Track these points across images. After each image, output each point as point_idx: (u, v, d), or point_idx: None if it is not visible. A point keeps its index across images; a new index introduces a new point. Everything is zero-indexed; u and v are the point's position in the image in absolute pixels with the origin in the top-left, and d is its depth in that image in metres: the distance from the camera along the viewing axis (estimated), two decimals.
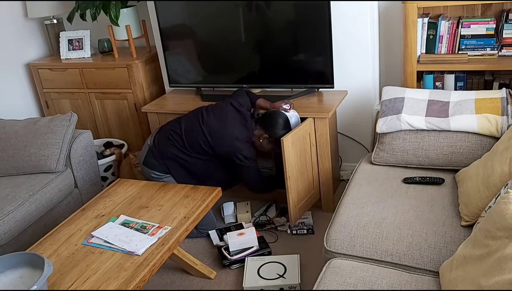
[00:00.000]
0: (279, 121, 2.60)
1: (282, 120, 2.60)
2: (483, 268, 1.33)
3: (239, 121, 2.63)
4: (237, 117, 2.64)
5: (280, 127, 2.59)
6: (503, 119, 2.19)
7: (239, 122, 2.63)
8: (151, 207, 2.22)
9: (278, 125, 2.59)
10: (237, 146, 2.56)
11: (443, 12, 2.80)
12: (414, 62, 2.70)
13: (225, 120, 2.62)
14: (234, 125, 2.60)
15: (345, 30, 2.89)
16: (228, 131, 2.58)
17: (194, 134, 2.62)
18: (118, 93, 3.48)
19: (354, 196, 2.15)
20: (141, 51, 3.59)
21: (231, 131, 2.58)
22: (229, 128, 2.59)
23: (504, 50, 2.64)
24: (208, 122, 2.62)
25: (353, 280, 1.67)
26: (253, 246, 2.55)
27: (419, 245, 1.80)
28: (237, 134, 2.59)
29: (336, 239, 1.92)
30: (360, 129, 3.14)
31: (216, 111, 2.66)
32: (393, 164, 2.39)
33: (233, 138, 2.57)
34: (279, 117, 2.61)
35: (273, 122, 2.60)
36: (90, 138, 2.95)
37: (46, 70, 3.62)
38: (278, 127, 2.58)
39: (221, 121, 2.61)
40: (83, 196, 2.91)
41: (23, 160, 2.74)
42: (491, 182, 1.80)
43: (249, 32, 2.95)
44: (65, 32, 3.71)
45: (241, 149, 2.57)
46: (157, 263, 1.86)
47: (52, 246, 2.00)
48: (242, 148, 2.57)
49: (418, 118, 2.32)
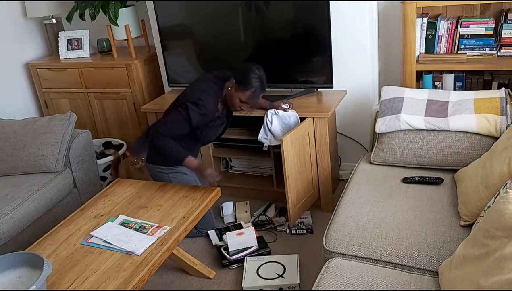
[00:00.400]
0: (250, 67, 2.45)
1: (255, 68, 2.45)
2: (482, 267, 1.33)
3: (208, 79, 2.55)
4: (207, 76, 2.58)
5: (250, 72, 2.44)
6: (502, 119, 2.20)
7: (208, 80, 2.54)
8: (150, 206, 2.22)
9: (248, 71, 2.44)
10: (197, 95, 2.44)
11: (442, 12, 2.80)
12: (413, 62, 2.70)
13: (195, 82, 2.60)
14: (202, 82, 2.55)
15: (344, 30, 2.89)
16: (194, 85, 2.56)
17: (170, 106, 2.58)
18: (117, 93, 3.48)
19: (353, 196, 2.15)
20: (140, 51, 3.59)
21: (196, 86, 2.54)
22: (196, 84, 2.56)
23: (503, 50, 2.65)
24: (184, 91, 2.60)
25: (352, 280, 1.67)
26: (252, 246, 2.55)
27: (418, 244, 1.80)
28: (202, 87, 2.50)
29: (335, 238, 1.92)
30: (359, 129, 3.14)
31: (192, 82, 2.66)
32: (392, 163, 2.39)
33: (196, 89, 2.50)
34: (252, 66, 2.47)
35: (244, 69, 2.47)
36: (89, 138, 2.95)
37: (45, 70, 3.62)
38: (248, 72, 2.44)
39: (191, 83, 2.61)
40: (82, 196, 2.91)
41: (22, 159, 2.74)
42: (490, 181, 1.80)
43: (248, 32, 2.95)
44: (64, 31, 3.71)
45: (200, 98, 2.42)
46: (156, 263, 1.85)
47: (51, 246, 2.00)
48: (202, 97, 2.43)
49: (417, 118, 2.33)
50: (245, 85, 2.45)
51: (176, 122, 2.46)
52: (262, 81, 2.48)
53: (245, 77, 2.45)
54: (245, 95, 2.48)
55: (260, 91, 2.49)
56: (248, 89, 2.45)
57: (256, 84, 2.45)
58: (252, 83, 2.44)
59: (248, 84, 2.44)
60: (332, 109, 2.73)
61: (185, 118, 2.45)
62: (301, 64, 2.90)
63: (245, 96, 2.48)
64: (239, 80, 2.46)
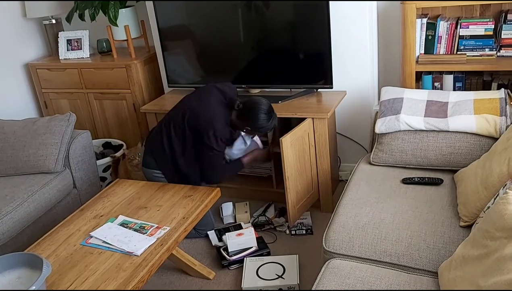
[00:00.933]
0: (259, 113, 2.47)
1: (263, 109, 2.47)
2: (482, 268, 1.33)
3: (218, 100, 2.56)
4: (218, 96, 2.58)
5: (263, 121, 2.48)
6: (501, 120, 2.20)
7: (218, 101, 2.56)
8: (150, 207, 2.22)
9: (260, 121, 2.48)
10: (212, 123, 2.46)
11: (442, 13, 2.80)
12: (413, 62, 2.70)
13: (204, 98, 2.57)
14: (212, 103, 2.53)
15: (344, 30, 2.89)
16: (205, 108, 2.51)
17: (176, 118, 2.57)
18: (117, 94, 3.48)
19: (353, 196, 2.15)
20: (140, 52, 3.59)
21: (208, 108, 2.51)
22: (206, 105, 2.53)
23: (502, 51, 2.65)
24: (189, 103, 2.58)
25: (351, 280, 1.67)
26: (251, 247, 2.55)
27: (418, 245, 1.80)
28: (214, 111, 2.50)
29: (335, 239, 1.92)
30: (359, 129, 3.14)
31: (199, 92, 2.63)
32: (392, 164, 2.39)
33: (208, 115, 2.49)
34: (260, 111, 2.47)
35: (253, 114, 2.48)
36: (88, 138, 2.95)
37: (44, 70, 3.61)
38: (260, 118, 2.47)
39: (201, 100, 2.57)
40: (82, 196, 2.91)
41: (22, 160, 2.74)
42: (489, 182, 1.80)
43: (248, 32, 2.95)
44: (64, 32, 3.70)
45: (215, 128, 2.45)
46: (155, 264, 1.85)
47: (51, 246, 2.00)
48: (216, 127, 2.46)
49: (417, 118, 2.33)
50: (260, 131, 2.54)
51: (212, 161, 2.56)
52: (275, 120, 2.56)
53: (258, 125, 2.50)
54: (263, 133, 2.62)
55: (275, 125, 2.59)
56: (267, 130, 2.57)
57: (271, 127, 2.55)
58: (268, 128, 2.54)
59: (263, 129, 2.53)
60: (331, 109, 2.73)
61: (215, 153, 2.53)
62: (300, 65, 2.90)
63: (264, 133, 2.63)
64: (252, 127, 2.51)
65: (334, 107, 2.78)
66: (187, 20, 3.07)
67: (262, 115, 2.47)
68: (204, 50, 3.12)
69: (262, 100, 2.51)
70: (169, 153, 2.59)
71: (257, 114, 2.46)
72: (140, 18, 3.55)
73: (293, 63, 2.91)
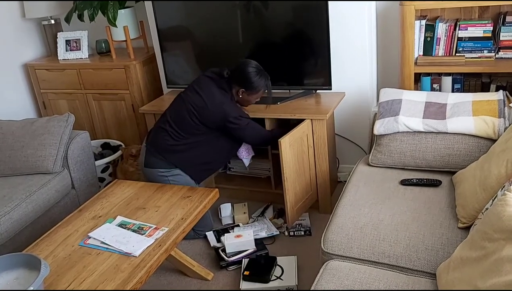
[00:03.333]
0: (248, 70, 2.53)
1: (251, 67, 2.53)
2: (480, 270, 1.33)
3: (216, 86, 2.58)
4: (212, 84, 2.59)
5: (253, 75, 2.53)
6: (500, 122, 2.20)
7: (216, 88, 2.58)
8: (148, 208, 2.22)
9: (250, 75, 2.53)
10: (223, 109, 2.52)
11: (441, 15, 2.81)
12: (412, 64, 2.71)
13: (203, 90, 2.58)
14: (213, 93, 2.56)
15: (343, 31, 2.90)
16: (210, 100, 2.54)
17: (181, 116, 2.58)
18: (115, 94, 3.48)
19: (351, 198, 2.15)
20: (139, 52, 3.59)
21: (213, 99, 2.54)
22: (210, 97, 2.55)
23: (501, 53, 2.65)
24: (189, 99, 2.59)
25: (350, 281, 1.67)
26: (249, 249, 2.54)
27: (416, 246, 1.80)
28: (219, 99, 2.54)
29: (333, 240, 1.92)
30: (357, 131, 3.14)
31: (194, 87, 2.63)
32: (390, 165, 2.39)
33: (217, 105, 2.53)
34: (247, 66, 2.54)
35: (243, 74, 2.54)
36: (87, 139, 2.94)
37: (43, 70, 3.61)
38: (251, 76, 2.53)
39: (201, 93, 2.57)
40: (80, 197, 2.90)
41: (20, 160, 2.73)
42: (488, 183, 1.80)
43: (247, 33, 2.95)
44: (63, 32, 3.70)
45: (228, 111, 2.52)
46: (154, 265, 1.85)
47: (49, 247, 2.00)
48: (228, 110, 2.53)
49: (416, 120, 2.33)
50: (254, 89, 2.57)
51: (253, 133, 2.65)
52: (266, 76, 2.59)
53: (250, 81, 2.54)
54: (258, 95, 2.63)
55: (268, 84, 2.61)
56: (259, 91, 2.60)
57: (263, 83, 2.58)
58: (260, 84, 2.57)
59: (256, 87, 2.57)
60: (330, 111, 2.73)
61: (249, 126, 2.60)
62: (299, 66, 2.90)
63: (259, 95, 2.64)
64: (245, 86, 2.56)
65: (333, 108, 2.78)
66: (186, 21, 3.07)
67: (251, 69, 2.54)
68: (203, 51, 3.12)
69: (248, 60, 2.59)
70: (184, 149, 2.60)
71: (246, 69, 2.54)
72: (139, 18, 3.55)
73: (292, 64, 2.91)
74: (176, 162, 2.62)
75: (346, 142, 3.21)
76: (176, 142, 2.60)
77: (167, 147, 2.61)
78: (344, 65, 2.98)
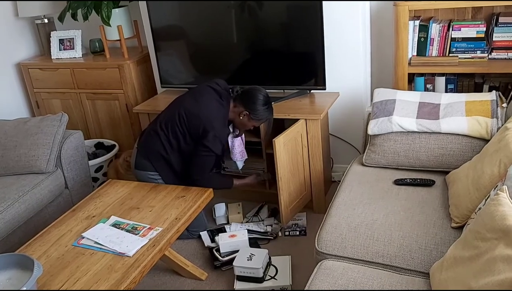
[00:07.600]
0: (258, 96, 2.54)
1: (262, 95, 2.54)
2: (473, 269, 1.34)
3: (215, 99, 2.57)
4: (214, 95, 2.58)
5: (261, 103, 2.53)
6: (493, 122, 2.21)
7: (215, 100, 2.56)
8: (142, 208, 2.22)
9: (258, 101, 2.53)
10: (211, 124, 2.49)
11: (434, 15, 2.82)
12: (405, 64, 2.72)
13: (202, 98, 2.57)
14: (210, 104, 2.54)
15: (337, 32, 2.90)
16: (202, 109, 2.52)
17: (172, 120, 2.56)
18: (109, 94, 3.47)
19: (345, 198, 2.15)
20: (132, 52, 3.58)
21: (206, 110, 2.52)
22: (204, 105, 2.53)
23: (494, 53, 2.67)
24: (184, 104, 2.58)
25: (344, 281, 1.68)
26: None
27: (410, 246, 1.81)
28: (212, 111, 2.52)
29: (327, 240, 1.92)
30: (351, 131, 3.15)
31: (193, 92, 2.63)
32: (384, 165, 2.40)
33: (207, 115, 2.50)
34: (259, 92, 2.55)
35: (253, 98, 2.54)
36: (81, 139, 2.93)
37: (36, 70, 3.59)
38: (259, 103, 2.53)
39: (197, 100, 2.57)
40: (74, 197, 2.89)
41: (13, 160, 2.72)
42: (481, 183, 1.81)
43: (241, 33, 2.95)
44: (56, 32, 3.68)
45: (214, 127, 2.48)
46: (148, 265, 1.85)
47: (42, 247, 1.99)
48: (216, 126, 2.49)
49: (409, 120, 2.34)
50: (256, 116, 2.56)
51: (205, 163, 2.56)
52: (271, 111, 2.62)
53: (256, 108, 2.54)
54: (257, 123, 2.63)
55: (270, 119, 2.66)
56: (260, 119, 2.60)
57: (267, 115, 2.59)
58: (264, 114, 2.57)
59: (259, 115, 2.56)
60: (324, 111, 2.74)
61: (211, 155, 2.54)
62: (294, 66, 2.91)
63: (257, 124, 2.64)
64: (250, 110, 2.55)
65: (327, 108, 2.78)
66: (180, 20, 3.07)
67: (261, 97, 2.54)
68: (197, 50, 3.11)
69: (261, 87, 2.61)
70: (168, 155, 2.58)
71: (257, 95, 2.54)
72: (133, 18, 3.54)
73: (286, 64, 2.91)
74: (159, 168, 2.61)
75: (340, 142, 3.21)
76: (163, 148, 2.58)
77: (154, 151, 2.60)
78: (338, 66, 2.98)
